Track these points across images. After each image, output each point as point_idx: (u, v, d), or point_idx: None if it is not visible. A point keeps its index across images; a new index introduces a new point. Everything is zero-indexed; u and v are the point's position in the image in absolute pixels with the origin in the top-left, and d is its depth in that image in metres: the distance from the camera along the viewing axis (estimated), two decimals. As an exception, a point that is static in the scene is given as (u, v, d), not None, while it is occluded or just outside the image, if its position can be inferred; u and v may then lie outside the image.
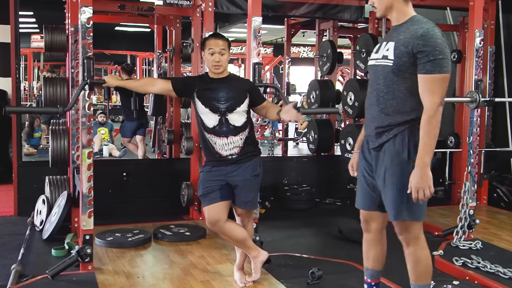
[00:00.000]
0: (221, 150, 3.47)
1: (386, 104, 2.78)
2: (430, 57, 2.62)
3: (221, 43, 3.46)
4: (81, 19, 3.82)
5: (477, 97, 4.65)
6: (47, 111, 5.05)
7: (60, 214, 4.74)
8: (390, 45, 2.75)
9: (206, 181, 3.53)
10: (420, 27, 2.68)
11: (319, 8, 6.28)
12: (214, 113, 3.46)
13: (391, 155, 2.78)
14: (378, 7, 2.84)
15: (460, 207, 4.78)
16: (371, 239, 3.08)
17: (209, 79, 3.55)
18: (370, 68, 2.93)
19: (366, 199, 2.98)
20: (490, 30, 6.21)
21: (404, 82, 2.72)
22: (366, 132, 2.96)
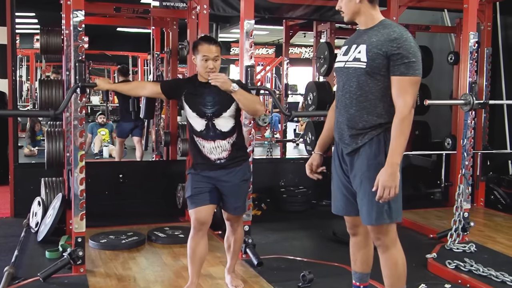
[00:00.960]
0: (210, 154, 3.41)
1: (360, 106, 2.79)
2: (404, 59, 2.68)
3: (215, 49, 3.38)
4: (73, 22, 3.83)
5: (471, 100, 4.63)
6: (38, 114, 5.09)
7: (54, 216, 4.74)
8: (362, 48, 2.76)
9: (195, 182, 3.46)
10: (393, 30, 2.73)
11: (315, 10, 6.27)
12: (201, 117, 3.40)
13: (367, 159, 2.78)
14: (345, 12, 2.86)
15: (455, 210, 4.78)
16: (358, 241, 3.09)
17: (197, 83, 3.47)
18: (340, 70, 2.90)
19: (348, 205, 2.96)
20: (486, 31, 6.19)
21: (376, 84, 2.75)
22: (337, 137, 2.93)
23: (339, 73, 2.91)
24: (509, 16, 6.86)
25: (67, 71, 4.78)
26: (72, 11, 3.85)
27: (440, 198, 6.59)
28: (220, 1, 5.84)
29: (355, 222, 3.02)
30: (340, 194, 2.99)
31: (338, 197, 3.01)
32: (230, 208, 3.54)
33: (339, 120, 2.90)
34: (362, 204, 2.84)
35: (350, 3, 2.82)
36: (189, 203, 3.48)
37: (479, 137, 6.14)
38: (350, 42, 2.91)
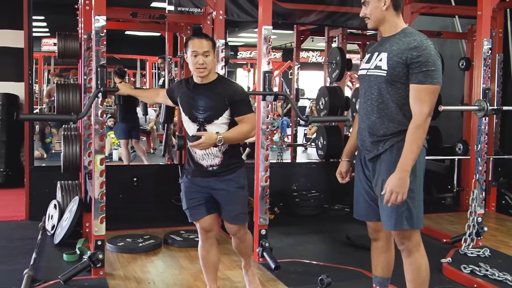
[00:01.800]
0: (201, 160, 3.22)
1: (381, 114, 2.85)
2: (423, 68, 2.72)
3: (205, 44, 3.12)
4: (95, 27, 3.88)
5: (485, 106, 4.67)
6: (60, 118, 5.11)
7: (71, 219, 4.79)
8: (383, 56, 2.82)
9: (189, 193, 3.29)
10: (413, 39, 2.78)
11: (328, 16, 6.32)
12: (193, 122, 3.22)
13: (388, 165, 2.82)
14: (371, 19, 2.90)
15: (468, 215, 4.81)
16: (380, 246, 3.14)
17: (191, 84, 3.26)
18: (362, 77, 2.97)
19: (370, 210, 3.03)
20: (498, 38, 6.24)
21: (397, 92, 2.80)
22: (359, 143, 3.00)
23: (362, 80, 2.98)
24: (519, 22, 6.90)
25: (85, 75, 4.83)
26: (94, 16, 3.90)
27: (451, 203, 6.63)
28: (234, 7, 5.89)
29: (376, 227, 3.08)
30: (362, 199, 3.05)
31: (360, 203, 3.07)
32: (228, 217, 3.35)
33: (361, 126, 2.97)
34: (382, 209, 2.90)
35: (376, 10, 2.85)
36: (188, 215, 3.36)
37: (491, 142, 6.17)
38: (373, 50, 2.96)
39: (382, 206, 2.89)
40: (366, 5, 2.88)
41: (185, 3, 5.91)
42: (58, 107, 5.05)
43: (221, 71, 5.25)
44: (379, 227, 3.04)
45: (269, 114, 4.40)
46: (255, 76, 15.63)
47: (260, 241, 4.33)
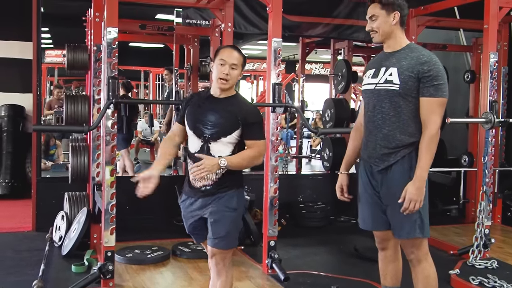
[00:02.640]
0: (194, 180, 2.94)
1: (393, 127, 2.91)
2: (434, 82, 2.82)
3: (236, 56, 2.92)
4: (107, 39, 3.93)
5: (492, 118, 4.72)
6: (72, 129, 5.14)
7: (80, 230, 4.79)
8: (393, 71, 2.90)
9: (187, 218, 3.07)
10: (422, 54, 2.89)
11: (334, 28, 6.37)
12: (198, 137, 2.94)
13: (400, 175, 2.90)
14: (379, 33, 2.95)
15: (476, 226, 4.83)
16: (388, 256, 3.18)
17: (205, 95, 3.04)
18: (369, 92, 3.01)
19: (378, 220, 3.06)
20: (503, 51, 6.29)
21: (408, 106, 2.87)
22: (366, 155, 3.04)
23: (369, 95, 3.02)
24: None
25: (94, 87, 4.85)
26: (106, 28, 3.94)
27: (457, 215, 6.64)
28: (242, 19, 5.93)
29: (384, 237, 3.12)
30: (369, 209, 3.08)
31: (367, 213, 3.10)
32: (209, 238, 3.00)
33: (370, 140, 3.01)
34: (394, 218, 2.95)
35: (385, 25, 2.92)
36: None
37: (496, 154, 6.19)
38: (376, 65, 3.02)
39: (394, 215, 2.94)
40: (374, 19, 2.94)
41: (193, 15, 5.96)
42: (67, 118, 5.08)
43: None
44: (386, 236, 3.10)
45: (278, 126, 4.43)
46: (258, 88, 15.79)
47: (269, 253, 4.35)
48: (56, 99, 10.27)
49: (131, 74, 13.70)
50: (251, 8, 5.96)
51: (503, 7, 4.84)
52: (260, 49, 14.28)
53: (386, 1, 2.92)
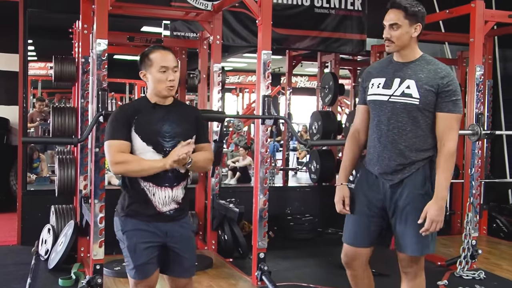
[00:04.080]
0: (161, 205, 2.66)
1: (409, 142, 2.79)
2: (452, 97, 2.73)
3: (173, 58, 2.71)
4: (97, 51, 3.92)
5: (478, 130, 4.78)
6: (61, 141, 5.11)
7: (67, 243, 4.74)
8: (411, 83, 2.75)
9: (142, 248, 2.65)
10: (439, 67, 2.78)
11: (322, 41, 6.42)
12: (158, 153, 2.63)
13: (414, 189, 2.78)
14: (396, 43, 2.78)
15: (463, 238, 4.87)
16: (357, 274, 3.03)
17: (150, 105, 2.70)
18: (381, 103, 2.84)
19: (360, 235, 2.93)
20: (488, 64, 6.37)
21: (425, 120, 2.77)
22: (377, 170, 2.87)
23: (381, 106, 2.85)
24: (507, 49, 7.07)
25: (82, 98, 4.83)
26: (96, 40, 3.93)
27: (443, 226, 6.65)
28: (230, 32, 5.96)
29: (355, 254, 2.97)
30: (358, 223, 2.93)
31: (355, 226, 2.95)
32: (182, 268, 2.76)
33: (383, 155, 2.84)
34: (405, 234, 2.81)
35: (405, 35, 2.76)
36: (132, 273, 2.71)
37: (482, 166, 6.27)
38: (386, 74, 2.86)
39: (403, 232, 2.81)
40: (396, 28, 2.76)
41: (181, 28, 5.97)
42: (54, 130, 5.04)
43: (217, 95, 5.30)
44: (357, 254, 2.95)
45: (268, 138, 4.44)
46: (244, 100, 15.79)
47: (258, 265, 4.33)
48: (37, 111, 10.18)
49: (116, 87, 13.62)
50: (239, 21, 5.99)
51: (488, 21, 4.93)
52: (246, 62, 14.31)
53: (412, 11, 2.76)
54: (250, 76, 15.84)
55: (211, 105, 5.33)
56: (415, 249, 2.81)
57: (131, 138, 2.64)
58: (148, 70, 2.68)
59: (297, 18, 6.28)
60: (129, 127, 2.63)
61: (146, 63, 2.68)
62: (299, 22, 6.29)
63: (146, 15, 5.66)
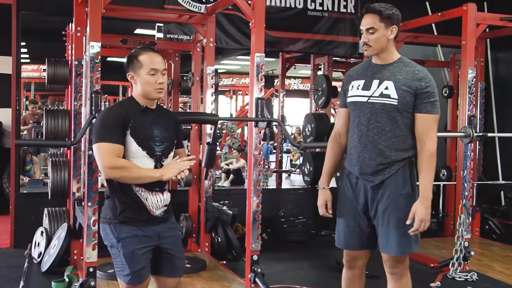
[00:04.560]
0: (155, 209, 2.66)
1: (389, 142, 2.84)
2: (430, 98, 2.81)
3: (161, 60, 2.67)
4: (90, 54, 3.91)
5: (470, 132, 4.80)
6: (55, 144, 5.09)
7: (60, 246, 4.73)
8: (389, 84, 2.82)
9: (139, 255, 2.62)
10: (417, 69, 2.85)
11: (315, 44, 6.43)
12: (150, 157, 2.62)
13: (395, 190, 2.83)
14: (373, 47, 2.86)
15: (456, 239, 4.89)
16: (355, 275, 3.07)
17: (141, 108, 2.66)
18: (361, 104, 2.89)
19: (355, 239, 2.97)
20: (480, 67, 6.41)
21: (403, 121, 2.83)
22: (357, 171, 2.91)
23: (360, 107, 2.90)
24: (499, 52, 7.12)
25: (75, 101, 4.82)
26: (89, 43, 3.93)
27: (436, 228, 6.71)
28: (223, 34, 5.96)
29: (357, 255, 3.01)
30: (353, 228, 2.96)
31: (348, 231, 2.98)
32: (174, 268, 2.78)
33: (363, 155, 2.89)
34: (388, 235, 2.84)
35: (382, 38, 2.84)
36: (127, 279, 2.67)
37: (474, 168, 6.30)
38: (365, 76, 2.92)
39: (386, 232, 2.84)
40: (372, 32, 2.84)
41: (174, 30, 5.97)
42: (47, 133, 5.03)
43: (211, 98, 5.31)
44: (359, 255, 3.01)
45: (261, 140, 4.45)
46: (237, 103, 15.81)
47: (252, 267, 4.33)
48: (30, 114, 10.16)
49: (109, 89, 13.61)
50: (232, 24, 6.00)
51: (480, 24, 4.95)
52: (239, 64, 14.32)
53: (386, 14, 2.84)
54: (244, 79, 15.86)
55: (205, 108, 5.33)
56: (398, 250, 2.84)
57: (124, 142, 2.58)
58: (136, 72, 2.64)
59: (290, 21, 6.28)
60: (124, 130, 2.57)
61: (134, 65, 2.65)
62: (292, 25, 6.30)
63: (140, 17, 5.66)
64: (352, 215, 2.94)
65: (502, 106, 7.06)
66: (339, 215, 3.01)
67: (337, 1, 6.50)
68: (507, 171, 6.92)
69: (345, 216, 2.98)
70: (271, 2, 6.18)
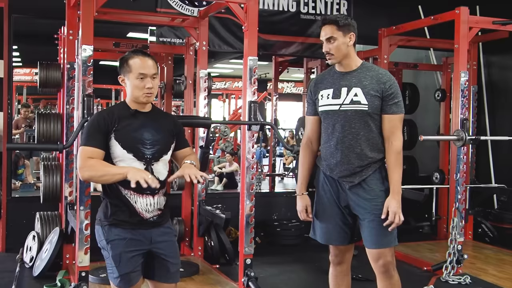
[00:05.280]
0: (145, 211, 2.64)
1: (364, 145, 2.98)
2: (395, 99, 2.97)
3: (153, 65, 2.66)
4: (82, 57, 3.89)
5: (463, 136, 4.81)
6: (47, 147, 5.05)
7: (52, 251, 4.71)
8: (357, 91, 2.97)
9: (127, 258, 2.62)
10: (380, 73, 3.01)
11: (308, 47, 6.43)
12: (139, 160, 2.61)
13: (374, 189, 2.99)
14: (336, 55, 2.99)
15: (449, 242, 4.89)
16: (343, 271, 3.24)
17: (130, 111, 2.68)
18: (333, 113, 3.00)
19: (342, 235, 3.10)
20: (472, 70, 6.44)
21: (375, 124, 2.99)
22: (336, 175, 3.02)
23: (333, 115, 3.01)
24: (491, 55, 7.14)
25: (67, 105, 4.81)
26: (81, 46, 3.91)
27: (429, 231, 6.73)
28: (216, 38, 5.96)
29: (345, 250, 3.17)
30: (334, 225, 3.09)
31: (331, 228, 3.11)
32: (168, 274, 2.75)
33: (341, 160, 3.00)
34: (373, 230, 2.99)
35: (343, 46, 2.98)
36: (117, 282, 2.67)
37: (467, 171, 6.31)
38: (332, 85, 3.04)
39: (373, 227, 2.98)
40: (332, 41, 2.97)
41: (167, 34, 5.95)
42: (39, 137, 5.01)
43: (203, 101, 5.30)
44: (347, 250, 3.17)
45: (254, 144, 4.44)
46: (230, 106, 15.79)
47: (245, 271, 4.32)
48: (23, 118, 10.12)
49: (101, 92, 13.57)
50: (225, 27, 5.99)
51: (472, 28, 4.97)
52: (232, 68, 14.32)
53: (342, 22, 2.98)
54: (237, 82, 15.86)
55: (197, 111, 5.32)
56: (385, 243, 2.99)
57: (107, 146, 2.61)
58: (126, 76, 2.66)
59: (283, 24, 6.29)
60: (106, 134, 2.60)
61: (125, 69, 2.66)
62: (285, 28, 6.31)
63: (132, 21, 5.64)
64: (335, 214, 3.08)
65: (495, 109, 7.09)
66: (323, 214, 3.13)
67: (330, 4, 6.52)
68: (500, 174, 6.94)
69: (326, 215, 3.11)
70: (264, 6, 6.18)
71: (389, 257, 3.02)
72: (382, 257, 3.00)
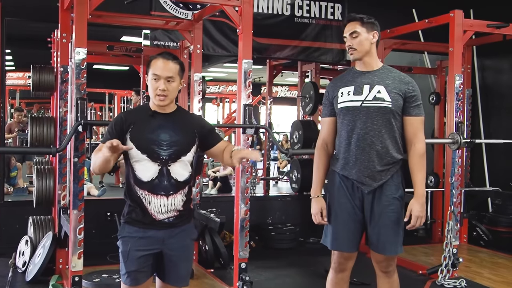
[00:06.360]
0: (157, 213, 2.62)
1: (385, 143, 2.94)
2: (417, 101, 2.98)
3: (171, 68, 2.63)
4: (76, 60, 3.86)
5: (458, 139, 4.81)
6: (39, 151, 5.02)
7: (45, 255, 4.66)
8: (381, 88, 2.95)
9: (135, 256, 2.63)
10: (402, 75, 3.03)
11: (302, 51, 6.42)
12: (153, 161, 2.60)
13: (391, 194, 2.95)
14: (358, 49, 3.01)
15: (444, 246, 4.88)
16: (344, 278, 3.17)
17: (149, 112, 2.68)
18: (355, 109, 2.97)
19: (352, 241, 3.05)
20: (467, 73, 6.45)
21: (396, 123, 2.96)
22: (355, 176, 2.97)
23: (354, 112, 2.97)
24: (485, 58, 7.16)
25: (60, 108, 4.77)
26: (75, 49, 3.88)
27: (424, 235, 6.72)
28: (210, 41, 5.94)
29: (350, 257, 3.10)
30: (349, 230, 3.04)
31: (347, 234, 3.04)
32: (176, 277, 2.74)
33: (361, 157, 2.96)
34: (380, 237, 2.98)
35: (365, 42, 3.00)
36: (124, 279, 2.69)
37: (462, 175, 6.32)
38: (354, 83, 3.01)
39: (385, 233, 2.97)
40: (355, 35, 2.99)
41: (161, 37, 5.93)
42: (32, 140, 4.96)
43: (197, 105, 5.27)
44: (351, 257, 3.10)
45: (248, 147, 4.42)
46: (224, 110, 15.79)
47: (240, 275, 4.29)
48: (16, 122, 10.08)
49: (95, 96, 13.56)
50: (219, 30, 5.98)
51: (467, 31, 4.98)
52: (226, 72, 14.32)
53: (367, 20, 3.02)
54: (231, 86, 15.86)
55: (192, 115, 5.29)
56: (393, 250, 3.00)
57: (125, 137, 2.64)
58: (147, 76, 2.69)
59: (277, 28, 6.27)
60: (122, 134, 2.62)
61: (147, 68, 2.69)
62: (279, 32, 6.29)
63: (126, 24, 5.61)
64: (352, 216, 3.03)
65: (489, 113, 7.10)
66: (335, 219, 3.07)
67: (324, 8, 6.51)
68: (494, 177, 6.95)
69: (344, 218, 3.04)
70: (258, 9, 6.17)
71: (392, 260, 3.07)
72: (386, 261, 3.04)
